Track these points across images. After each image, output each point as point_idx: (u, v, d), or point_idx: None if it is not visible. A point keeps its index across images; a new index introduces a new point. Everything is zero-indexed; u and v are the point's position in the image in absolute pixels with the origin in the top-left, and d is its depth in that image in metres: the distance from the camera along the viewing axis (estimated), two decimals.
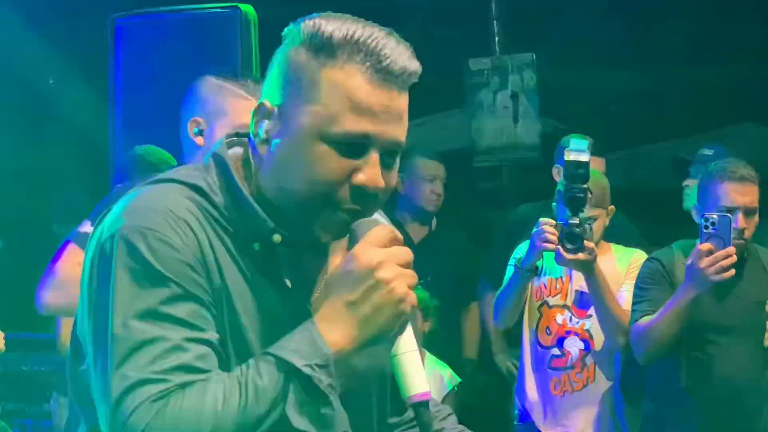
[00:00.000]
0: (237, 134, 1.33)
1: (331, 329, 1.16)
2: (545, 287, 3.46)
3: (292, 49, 1.23)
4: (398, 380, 1.21)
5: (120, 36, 3.57)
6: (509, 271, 3.36)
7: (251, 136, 1.27)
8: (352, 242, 1.21)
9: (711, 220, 2.87)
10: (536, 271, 3.32)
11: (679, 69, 5.85)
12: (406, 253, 1.19)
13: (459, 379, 3.83)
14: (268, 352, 1.16)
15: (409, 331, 1.21)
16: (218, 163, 1.28)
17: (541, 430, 3.44)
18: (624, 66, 6.04)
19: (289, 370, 1.13)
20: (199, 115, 2.22)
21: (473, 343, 4.15)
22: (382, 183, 1.20)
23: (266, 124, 1.24)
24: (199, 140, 2.21)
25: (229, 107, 2.20)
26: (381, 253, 1.16)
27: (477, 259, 4.25)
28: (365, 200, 1.21)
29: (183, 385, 1.12)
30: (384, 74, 1.18)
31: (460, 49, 5.45)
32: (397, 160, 1.26)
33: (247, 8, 3.44)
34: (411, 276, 1.18)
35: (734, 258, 2.80)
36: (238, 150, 1.31)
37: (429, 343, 3.66)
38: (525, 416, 3.52)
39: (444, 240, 4.26)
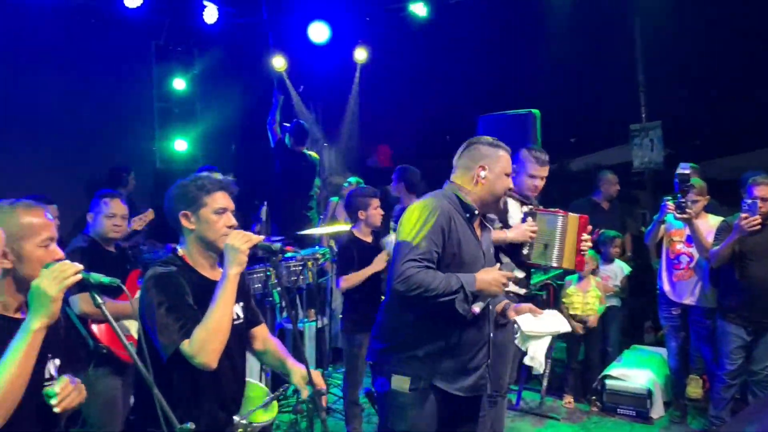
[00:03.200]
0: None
1: (479, 281, 2.40)
2: (671, 230, 5.10)
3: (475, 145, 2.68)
4: None
5: (480, 125, 5.34)
6: (652, 223, 5.13)
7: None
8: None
9: (748, 203, 4.20)
10: (663, 223, 4.91)
11: None
12: (507, 276, 2.43)
13: (630, 268, 5.88)
14: (460, 275, 2.38)
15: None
16: (459, 187, 2.67)
17: (668, 296, 5.04)
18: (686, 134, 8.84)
19: (461, 285, 2.32)
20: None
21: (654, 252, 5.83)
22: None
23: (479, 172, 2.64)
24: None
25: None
26: (501, 275, 2.43)
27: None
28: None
29: (425, 267, 2.33)
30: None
31: (628, 118, 8.13)
32: None
33: (536, 112, 5.22)
34: (505, 283, 2.44)
35: (758, 220, 4.16)
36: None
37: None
38: (662, 291, 5.14)
39: (616, 210, 6.80)
